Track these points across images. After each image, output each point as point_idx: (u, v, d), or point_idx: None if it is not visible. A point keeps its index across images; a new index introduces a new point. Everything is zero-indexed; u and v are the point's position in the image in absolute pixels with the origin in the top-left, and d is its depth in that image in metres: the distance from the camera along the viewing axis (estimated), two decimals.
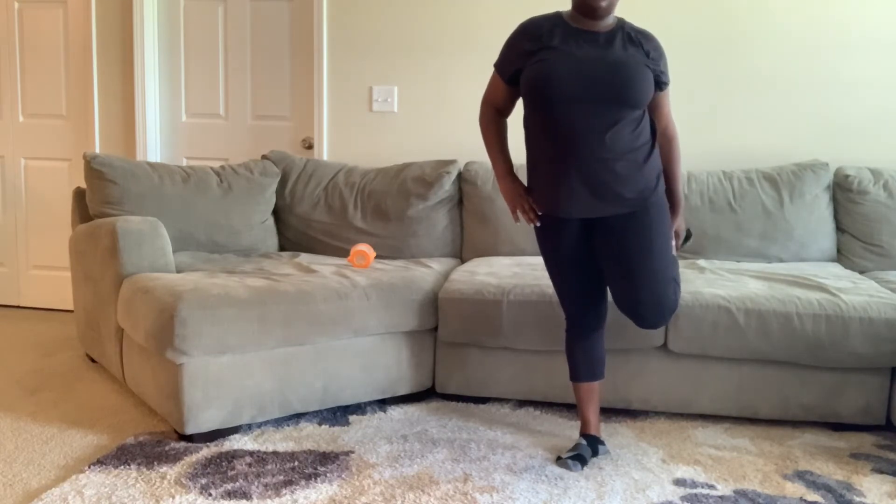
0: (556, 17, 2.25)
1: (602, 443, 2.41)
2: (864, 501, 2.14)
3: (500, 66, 2.33)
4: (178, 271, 2.84)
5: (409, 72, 3.74)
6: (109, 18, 3.94)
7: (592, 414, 2.44)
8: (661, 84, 2.24)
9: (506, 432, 2.58)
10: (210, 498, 2.07)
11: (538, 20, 2.27)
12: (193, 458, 2.33)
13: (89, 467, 2.24)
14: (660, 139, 2.30)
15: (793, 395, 2.64)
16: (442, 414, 2.75)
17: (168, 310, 2.35)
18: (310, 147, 3.89)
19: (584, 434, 2.42)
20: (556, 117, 2.16)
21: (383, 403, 2.83)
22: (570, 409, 2.81)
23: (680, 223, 2.38)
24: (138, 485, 2.14)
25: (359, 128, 3.81)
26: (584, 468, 2.31)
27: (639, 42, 2.19)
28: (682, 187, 2.39)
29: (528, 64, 2.21)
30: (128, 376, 2.79)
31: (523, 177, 2.38)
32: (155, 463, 2.28)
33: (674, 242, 2.32)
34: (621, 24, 2.22)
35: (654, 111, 2.28)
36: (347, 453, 2.39)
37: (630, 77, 2.13)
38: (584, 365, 2.41)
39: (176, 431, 2.50)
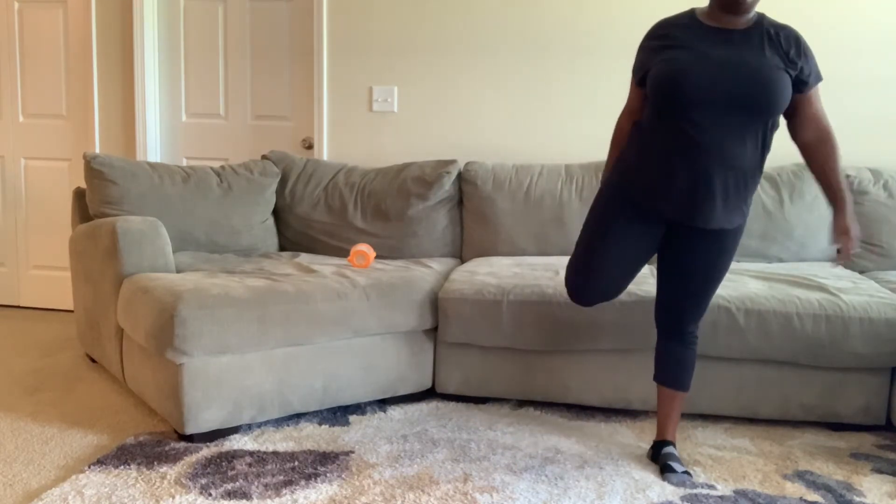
0: (688, 15, 2.17)
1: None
2: (864, 501, 2.14)
3: (634, 70, 2.25)
4: (178, 271, 2.84)
5: (409, 72, 3.74)
6: (109, 18, 3.94)
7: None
8: (802, 85, 2.10)
9: (506, 432, 2.58)
10: (210, 498, 2.07)
11: (669, 19, 2.19)
12: (193, 458, 2.33)
13: (89, 467, 2.24)
14: (810, 141, 2.16)
15: (793, 395, 2.64)
16: (442, 414, 2.75)
17: (168, 310, 2.35)
18: (310, 147, 3.89)
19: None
20: (680, 120, 2.08)
21: (383, 403, 2.83)
22: (570, 409, 2.81)
23: (850, 224, 2.16)
24: (138, 485, 2.14)
25: (359, 128, 3.81)
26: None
27: (778, 41, 2.07)
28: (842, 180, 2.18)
29: (654, 62, 2.13)
30: (128, 376, 2.79)
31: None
32: (155, 463, 2.28)
33: (841, 247, 2.16)
34: (761, 20, 2.10)
35: (799, 113, 2.15)
36: (347, 453, 2.39)
37: (765, 84, 2.02)
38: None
39: (176, 431, 2.50)
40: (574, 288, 2.31)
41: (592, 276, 2.25)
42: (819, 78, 2.13)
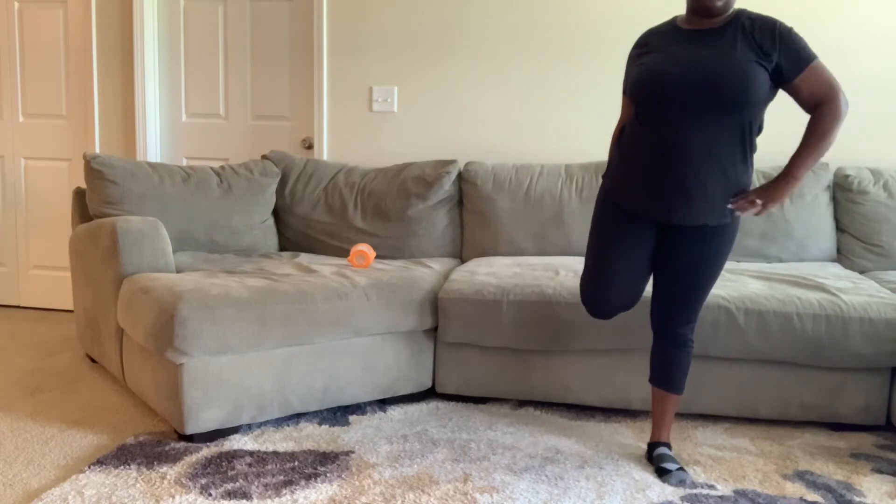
0: (669, 22, 2.24)
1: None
2: (864, 501, 2.14)
3: (623, 80, 2.31)
4: (178, 271, 2.84)
5: (409, 72, 3.74)
6: (109, 18, 3.94)
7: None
8: (779, 73, 2.07)
9: (506, 432, 2.58)
10: (210, 498, 2.07)
11: (652, 28, 2.27)
12: (193, 458, 2.33)
13: (89, 467, 2.24)
14: (809, 121, 2.12)
15: (793, 395, 2.64)
16: (442, 414, 2.75)
17: (168, 310, 2.35)
18: (310, 147, 3.89)
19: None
20: (655, 121, 2.11)
21: (383, 403, 2.83)
22: (570, 409, 2.81)
23: (773, 193, 2.13)
24: (138, 485, 2.14)
25: (359, 128, 3.81)
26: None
27: (752, 34, 2.07)
28: (813, 160, 2.12)
29: (633, 68, 2.21)
30: (128, 376, 2.79)
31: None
32: (155, 463, 2.28)
33: (750, 207, 2.12)
34: (738, 16, 2.12)
35: (797, 99, 2.12)
36: (347, 453, 2.39)
37: (732, 79, 2.02)
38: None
39: (176, 431, 2.50)
40: (591, 303, 2.34)
41: (605, 288, 2.28)
42: (809, 59, 2.08)
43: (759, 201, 2.11)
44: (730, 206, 2.13)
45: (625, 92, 2.29)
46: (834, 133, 2.10)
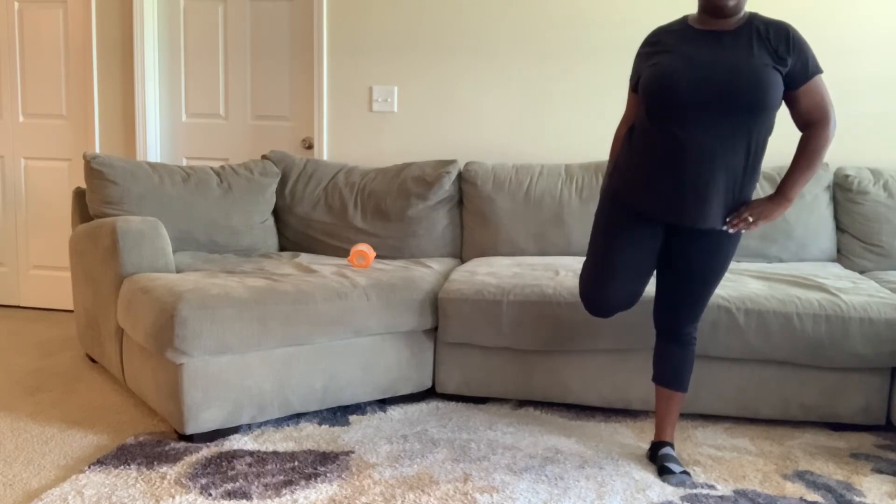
0: (680, 21, 2.21)
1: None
2: (864, 501, 2.14)
3: (630, 77, 2.29)
4: (178, 271, 2.84)
5: (409, 72, 3.74)
6: (109, 18, 3.94)
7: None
8: (792, 80, 2.09)
9: (506, 432, 2.58)
10: (210, 498, 2.07)
11: (663, 26, 2.24)
12: (193, 458, 2.33)
13: (89, 467, 2.24)
14: (801, 137, 2.16)
15: (793, 395, 2.64)
16: (442, 414, 2.75)
17: (168, 310, 2.35)
18: (310, 147, 3.89)
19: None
20: (668, 121, 2.10)
21: (383, 403, 2.83)
22: (570, 409, 2.81)
23: (765, 211, 2.16)
24: (138, 485, 2.14)
25: (359, 128, 3.81)
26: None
27: (767, 38, 2.07)
28: (803, 181, 2.16)
29: (645, 67, 2.18)
30: (128, 376, 2.79)
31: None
32: (155, 463, 2.28)
33: (742, 225, 2.15)
34: (751, 20, 2.12)
35: (792, 110, 2.15)
36: (347, 453, 2.39)
37: (751, 83, 2.03)
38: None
39: (176, 431, 2.50)
40: (590, 301, 2.32)
41: (605, 286, 2.26)
42: (816, 70, 2.11)
43: (751, 219, 2.16)
44: (725, 227, 2.16)
45: (633, 89, 2.28)
46: (824, 154, 2.16)
